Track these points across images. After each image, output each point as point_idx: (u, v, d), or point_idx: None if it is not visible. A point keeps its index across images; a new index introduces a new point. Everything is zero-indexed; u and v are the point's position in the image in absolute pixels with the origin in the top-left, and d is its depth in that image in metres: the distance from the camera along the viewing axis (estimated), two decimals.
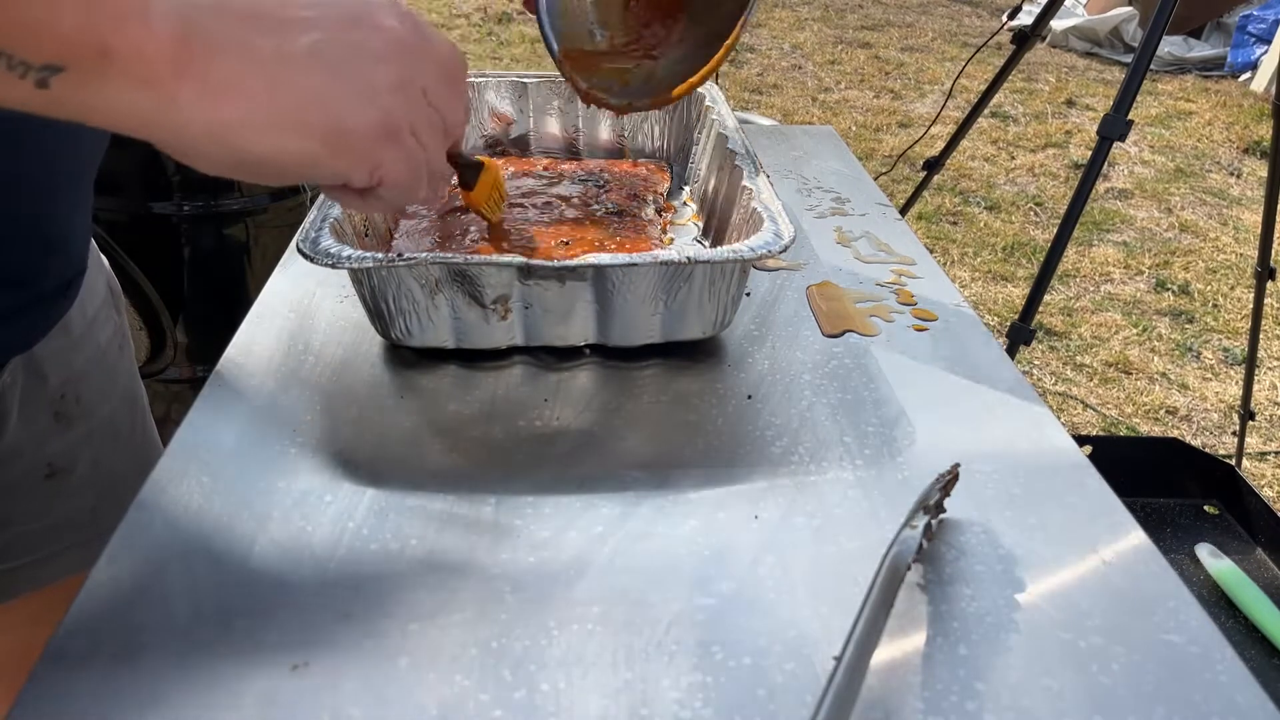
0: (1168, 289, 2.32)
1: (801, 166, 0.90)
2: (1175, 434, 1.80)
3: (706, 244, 0.69)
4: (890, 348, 0.61)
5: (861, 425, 0.53)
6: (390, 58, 0.38)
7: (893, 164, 2.39)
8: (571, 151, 0.84)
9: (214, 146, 0.34)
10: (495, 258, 0.52)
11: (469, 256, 0.52)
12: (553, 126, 0.84)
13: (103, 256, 0.66)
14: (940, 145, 1.64)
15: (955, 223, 2.60)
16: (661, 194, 0.75)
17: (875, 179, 0.88)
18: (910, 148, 2.11)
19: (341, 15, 0.37)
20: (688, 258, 0.53)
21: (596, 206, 0.69)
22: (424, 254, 0.52)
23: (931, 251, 0.83)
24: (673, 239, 0.70)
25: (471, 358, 0.57)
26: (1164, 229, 2.64)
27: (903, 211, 1.63)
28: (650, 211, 0.70)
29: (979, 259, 2.40)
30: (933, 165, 1.62)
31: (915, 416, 0.54)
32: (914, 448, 0.51)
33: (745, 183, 0.63)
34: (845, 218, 0.79)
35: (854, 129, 3.21)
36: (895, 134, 3.18)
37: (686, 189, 0.79)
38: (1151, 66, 1.28)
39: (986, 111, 2.06)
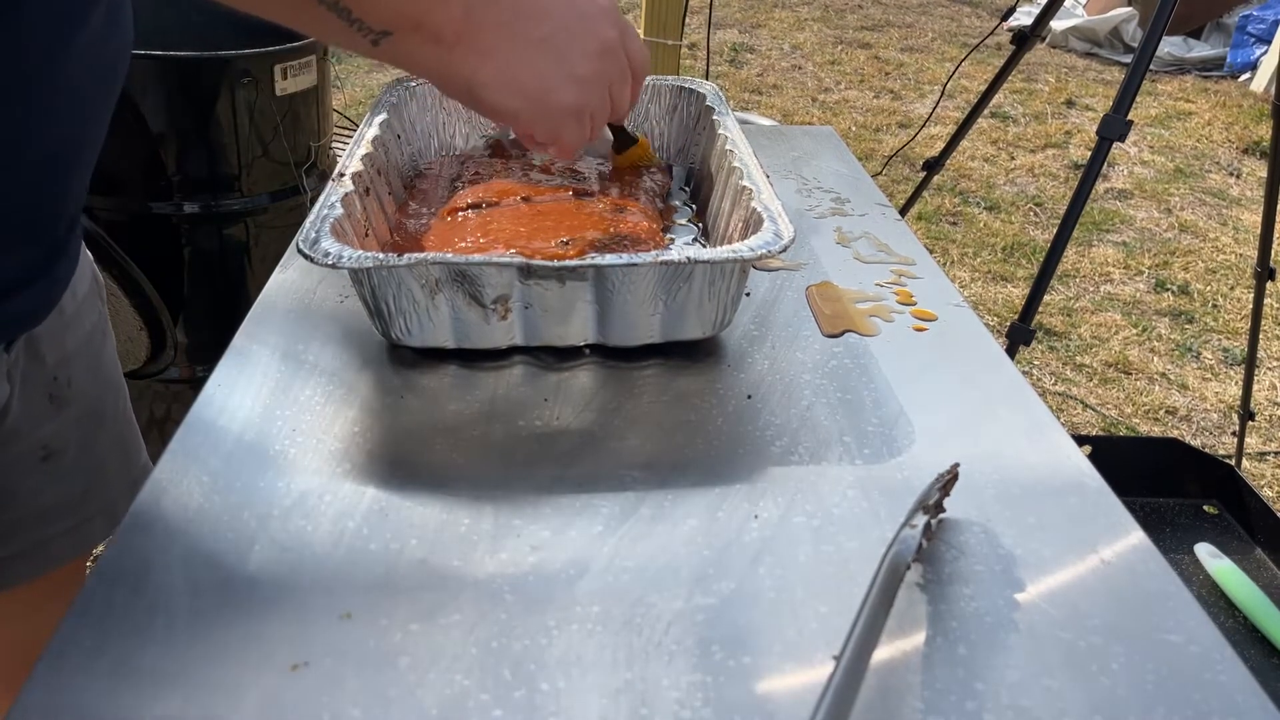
0: (1167, 289, 2.32)
1: (801, 167, 0.90)
2: (1175, 434, 1.80)
3: (706, 244, 0.69)
4: (890, 348, 0.61)
5: (861, 425, 0.53)
6: (597, 56, 0.51)
7: (885, 162, 2.39)
8: None
9: (467, 94, 0.49)
10: (495, 257, 0.52)
11: (469, 257, 0.52)
12: None
13: (85, 248, 0.67)
14: (940, 145, 1.64)
15: (955, 223, 2.60)
16: (662, 195, 0.75)
17: (875, 179, 0.88)
18: (904, 146, 2.11)
19: (574, 16, 0.50)
20: (688, 258, 0.53)
21: (597, 207, 0.69)
22: (424, 254, 0.52)
23: (931, 252, 0.84)
24: (673, 239, 0.70)
25: (471, 357, 0.57)
26: (1164, 229, 2.64)
27: (902, 212, 1.63)
28: (650, 212, 0.70)
29: (979, 259, 2.40)
30: (932, 165, 1.62)
31: (915, 416, 0.54)
32: (913, 448, 0.51)
33: (745, 183, 0.63)
34: (845, 218, 0.79)
35: (854, 129, 3.21)
36: (895, 134, 3.18)
37: (687, 189, 0.79)
38: (1151, 67, 1.28)
39: (986, 112, 2.06)
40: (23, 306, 0.53)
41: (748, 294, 0.66)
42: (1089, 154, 1.09)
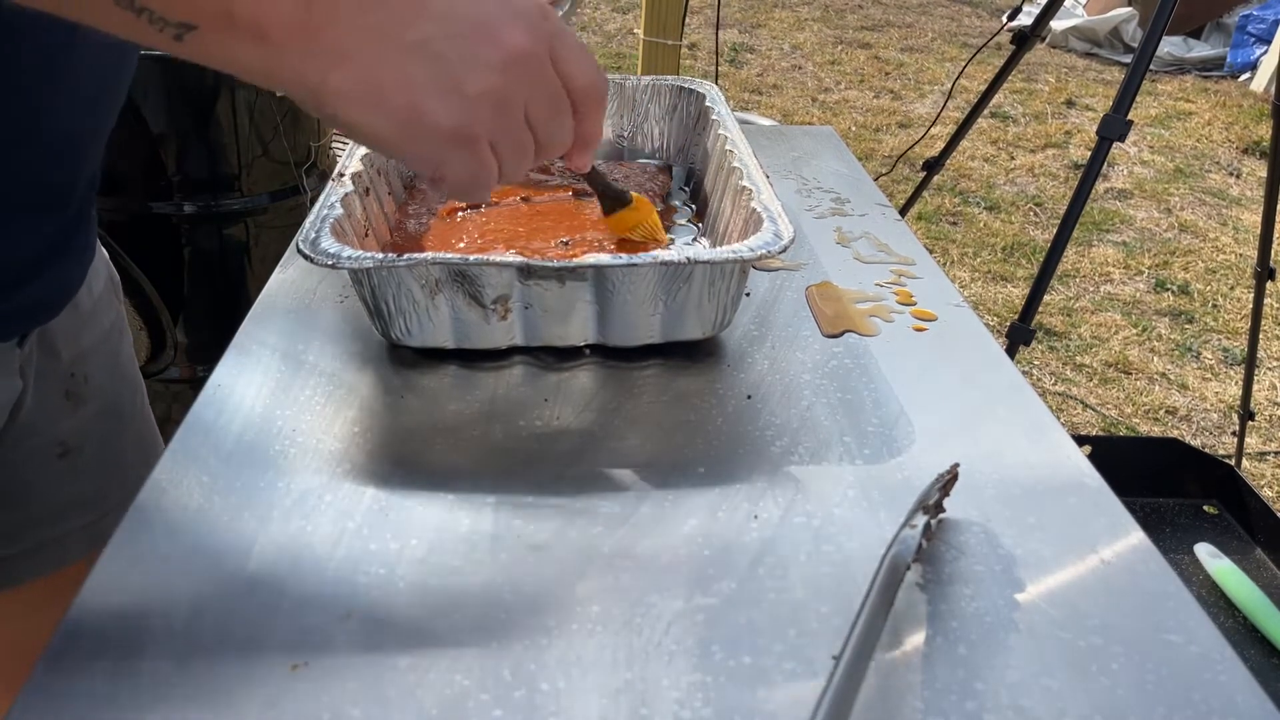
0: (1167, 289, 2.32)
1: (801, 167, 0.90)
2: (1175, 434, 1.80)
3: (706, 244, 0.69)
4: (890, 348, 0.61)
5: (861, 425, 0.53)
6: (498, 69, 0.39)
7: (893, 164, 2.39)
8: None
9: (316, 106, 0.38)
10: (495, 257, 0.52)
11: (468, 257, 0.52)
12: None
13: (103, 248, 0.67)
14: (940, 145, 1.64)
15: (955, 223, 2.60)
16: (662, 195, 0.75)
17: (875, 179, 0.88)
18: (910, 148, 2.11)
19: (468, 17, 0.38)
20: (687, 258, 0.53)
21: (597, 208, 0.69)
22: (424, 254, 0.52)
23: (931, 252, 0.84)
24: (673, 239, 0.70)
25: (471, 358, 0.57)
26: (1163, 229, 2.64)
27: (902, 212, 1.63)
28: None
29: (978, 259, 2.40)
30: (932, 166, 1.62)
31: (915, 416, 0.54)
32: (913, 448, 0.51)
33: (744, 183, 0.63)
34: (845, 218, 0.79)
35: (854, 129, 3.21)
36: (895, 134, 3.18)
37: (687, 189, 0.79)
38: (1151, 67, 1.28)
39: (986, 112, 2.07)
40: (34, 296, 0.53)
41: (748, 294, 0.66)
42: (1089, 154, 1.09)
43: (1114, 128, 1.06)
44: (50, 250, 0.53)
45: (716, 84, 0.86)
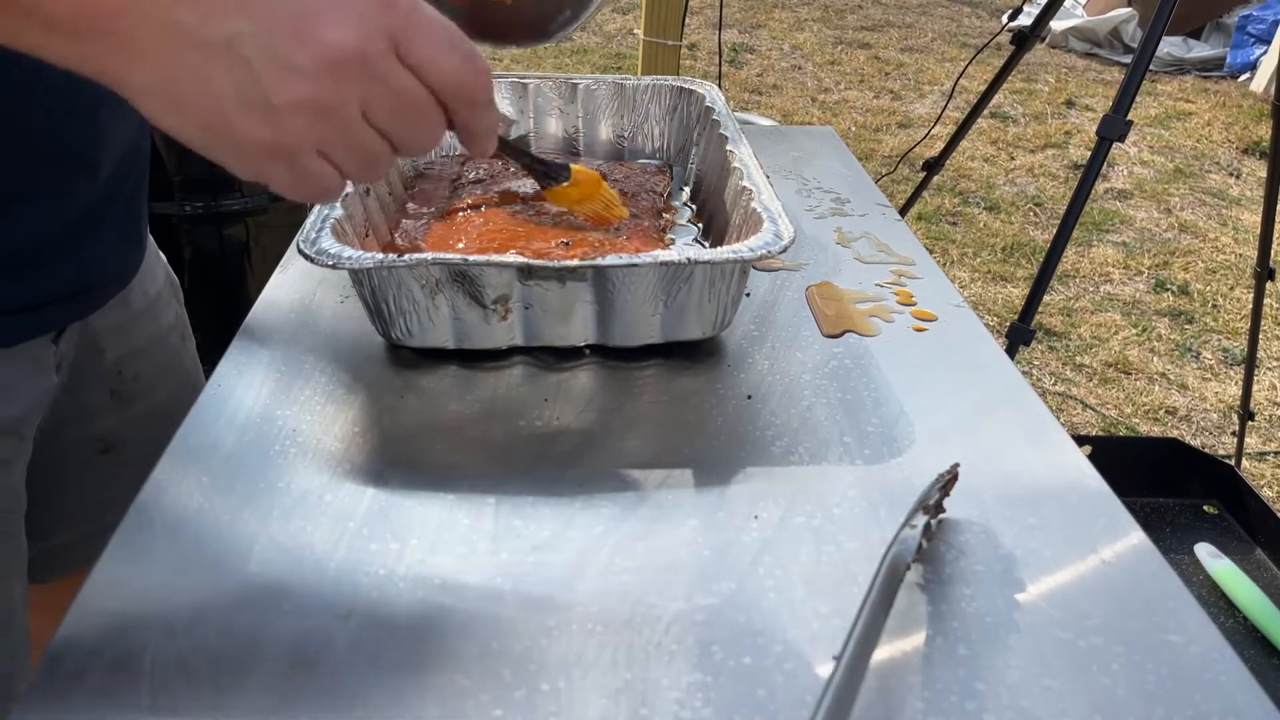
0: (1167, 289, 2.32)
1: (801, 167, 0.90)
2: (1175, 434, 1.79)
3: (707, 244, 0.69)
4: (890, 348, 0.60)
5: (861, 425, 0.53)
6: (309, 77, 0.33)
7: (895, 165, 2.39)
8: (571, 152, 0.84)
9: (130, 102, 0.34)
10: (495, 258, 0.52)
11: (469, 257, 0.52)
12: (553, 127, 0.84)
13: (159, 252, 0.68)
14: (940, 146, 1.64)
15: (955, 223, 2.60)
16: (662, 195, 0.75)
17: (875, 180, 0.88)
18: (912, 149, 2.11)
19: (284, 13, 0.33)
20: (688, 258, 0.53)
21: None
22: (424, 254, 0.52)
23: (931, 252, 0.84)
24: (673, 240, 0.70)
25: (472, 358, 0.57)
26: (1163, 229, 2.64)
27: (902, 212, 1.63)
28: (651, 212, 0.70)
29: (978, 259, 2.40)
30: (932, 166, 1.62)
31: (915, 417, 0.54)
32: (913, 448, 0.51)
33: (745, 183, 0.63)
34: (845, 218, 0.79)
35: (854, 129, 3.21)
36: (895, 134, 3.18)
37: (686, 189, 0.79)
38: (1151, 67, 1.28)
39: (986, 112, 2.06)
40: (63, 279, 0.50)
41: (748, 294, 0.66)
42: (1089, 154, 1.08)
43: (1114, 128, 1.06)
44: (73, 231, 0.50)
45: (719, 84, 0.86)
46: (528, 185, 0.72)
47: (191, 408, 0.62)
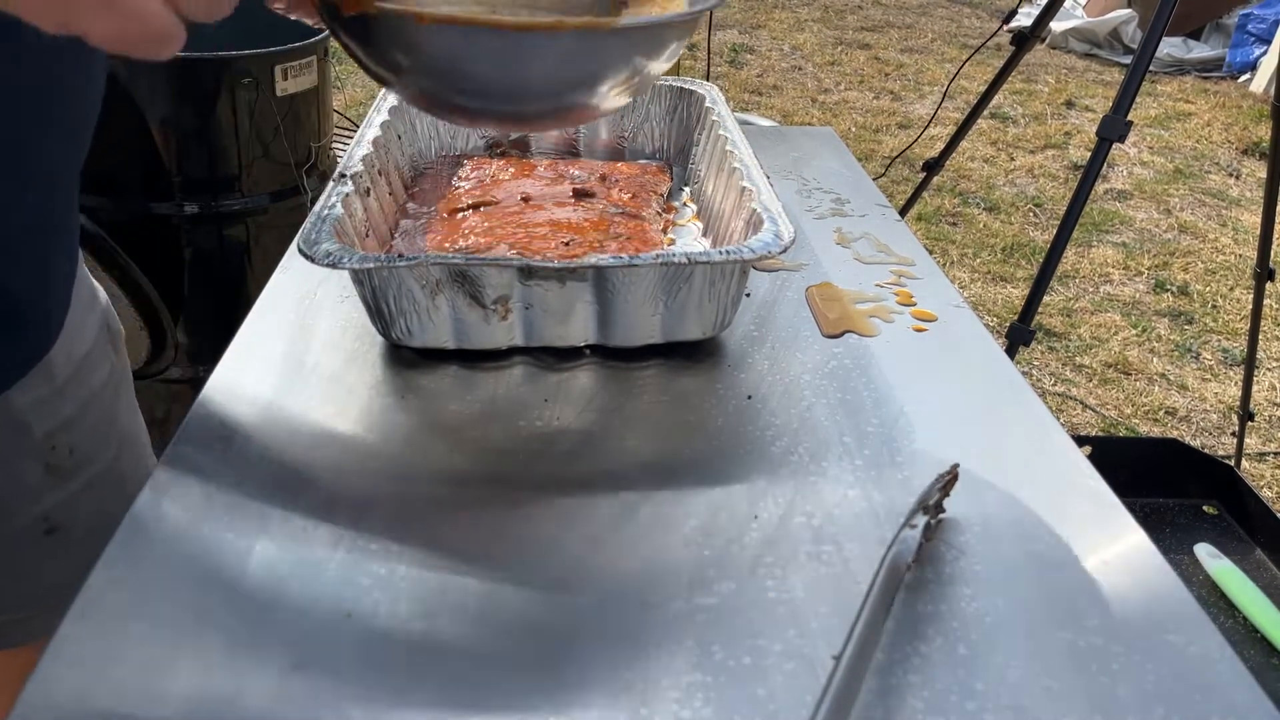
0: (1167, 290, 2.32)
1: (801, 168, 0.90)
2: (1174, 434, 1.79)
3: (707, 244, 0.69)
4: (890, 348, 0.60)
5: (861, 425, 0.53)
6: None
7: (888, 164, 2.39)
8: (571, 152, 0.84)
9: None
10: (496, 258, 0.52)
11: (469, 257, 0.52)
12: None
13: (99, 291, 0.61)
14: (940, 146, 1.64)
15: (955, 224, 2.60)
16: (662, 195, 0.75)
17: (875, 180, 0.88)
18: (907, 149, 2.11)
19: None
20: (688, 258, 0.53)
21: (598, 207, 0.69)
22: (424, 254, 0.52)
23: (931, 252, 0.84)
24: (674, 239, 0.70)
25: (472, 358, 0.57)
26: (1163, 230, 2.64)
27: (902, 212, 1.63)
28: (651, 212, 0.70)
29: (978, 260, 2.40)
30: (932, 166, 1.62)
31: (915, 417, 0.54)
32: (913, 448, 0.51)
33: (745, 184, 0.63)
34: (845, 219, 0.79)
35: (854, 130, 3.21)
36: (895, 135, 3.18)
37: (687, 190, 0.79)
38: (1150, 68, 1.28)
39: (986, 113, 2.07)
40: None
41: (748, 295, 0.66)
42: (1088, 155, 1.08)
43: (1113, 128, 1.06)
44: None
45: (708, 80, 0.86)
46: (528, 185, 0.72)
47: (140, 465, 0.61)
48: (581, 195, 0.71)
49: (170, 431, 0.49)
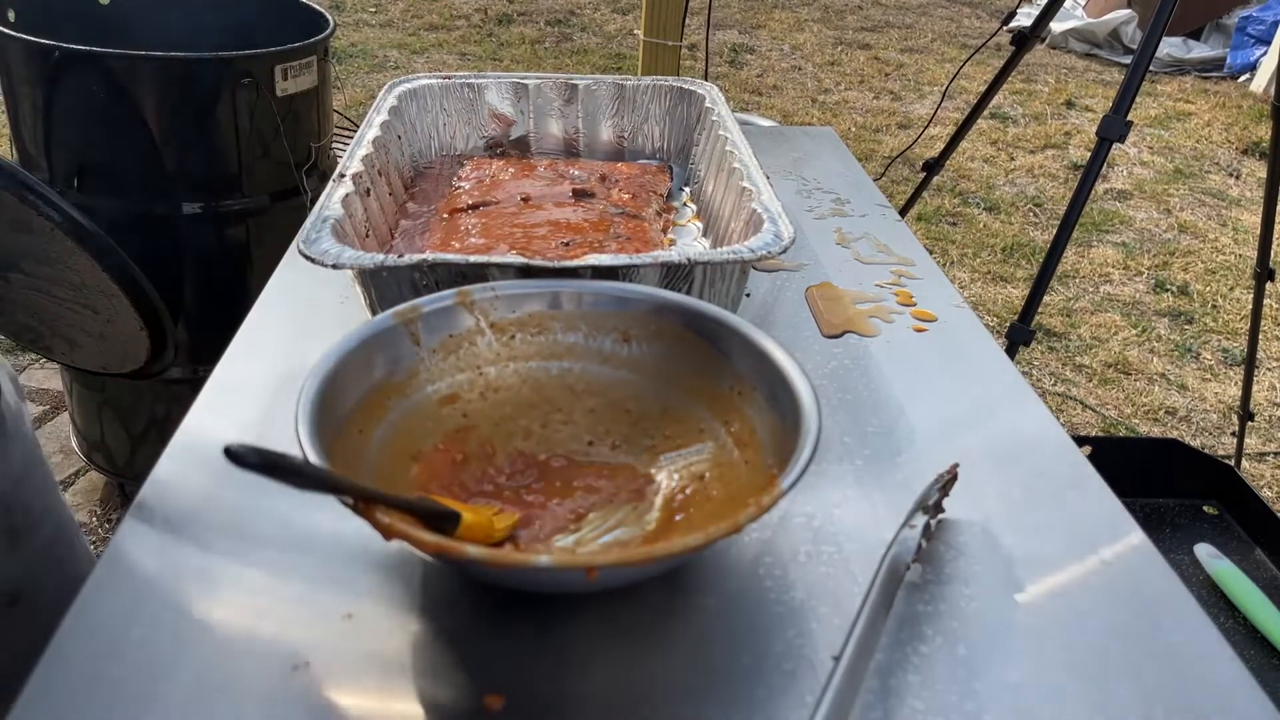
0: (1167, 290, 2.32)
1: (801, 168, 0.90)
2: (1175, 434, 1.79)
3: (707, 244, 0.69)
4: (890, 348, 0.61)
5: (861, 425, 0.53)
6: None
7: (887, 165, 2.39)
8: (571, 152, 0.84)
9: None
10: (497, 258, 0.52)
11: (469, 257, 0.52)
12: (553, 127, 0.84)
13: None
14: (940, 146, 1.64)
15: (955, 223, 2.60)
16: (662, 195, 0.75)
17: (875, 180, 0.88)
18: (907, 149, 2.10)
19: None
20: (688, 258, 0.53)
21: (597, 207, 0.69)
22: (425, 254, 0.52)
23: (931, 252, 0.84)
24: (674, 240, 0.70)
25: None
26: (1163, 230, 2.64)
27: (902, 212, 1.63)
28: (651, 212, 0.70)
29: (978, 260, 2.40)
30: (932, 166, 1.62)
31: (914, 417, 0.54)
32: (913, 448, 0.51)
33: (745, 184, 0.63)
34: (845, 219, 0.79)
35: (854, 130, 3.21)
36: (895, 135, 3.17)
37: (686, 190, 0.79)
38: (1150, 68, 1.28)
39: (986, 113, 2.07)
40: None
41: (748, 295, 0.66)
42: (1088, 155, 1.08)
43: (1113, 128, 1.06)
44: None
45: (707, 80, 0.86)
46: (527, 185, 0.72)
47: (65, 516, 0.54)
48: (581, 195, 0.71)
49: (170, 431, 0.50)
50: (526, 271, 0.52)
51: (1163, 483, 1.33)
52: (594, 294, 0.49)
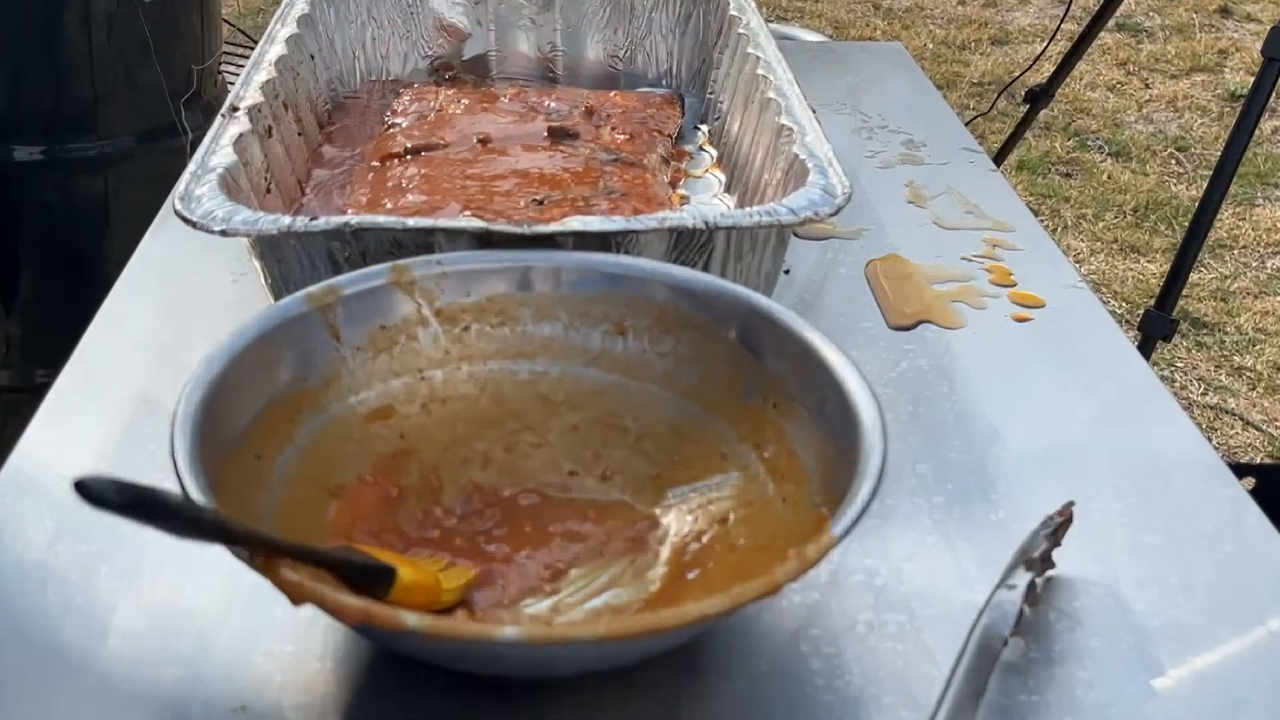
0: None
1: (859, 98, 0.90)
2: None
3: (732, 203, 0.69)
4: (981, 344, 0.61)
5: (942, 450, 0.53)
6: None
7: (995, 99, 2.39)
8: (548, 77, 0.85)
9: None
10: (445, 222, 0.52)
11: (407, 220, 0.52)
12: (522, 43, 0.84)
13: None
14: (1049, 70, 1.64)
15: (1069, 174, 2.60)
16: (670, 135, 0.75)
17: (960, 115, 0.89)
18: (1015, 79, 2.10)
19: None
20: (705, 221, 0.53)
21: (582, 152, 0.70)
22: (346, 217, 0.52)
23: (1037, 214, 0.84)
24: (686, 196, 0.70)
25: None
26: None
27: (997, 160, 1.63)
28: (655, 159, 0.70)
29: (1101, 224, 2.40)
30: (1038, 97, 1.62)
31: (1013, 438, 0.54)
32: (1012, 480, 0.51)
33: (784, 120, 0.63)
34: (919, 167, 0.79)
35: (931, 47, 3.21)
36: (988, 54, 3.18)
37: (704, 129, 0.79)
38: None
39: (1111, 24, 2.07)
40: None
41: (787, 271, 0.66)
42: (1251, 80, 1.09)
43: None
44: None
45: None
46: (486, 122, 0.73)
47: None
48: (560, 136, 0.71)
49: (1, 458, 0.50)
50: (485, 239, 0.52)
51: None
52: (577, 270, 0.49)
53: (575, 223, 0.52)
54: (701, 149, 0.77)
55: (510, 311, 0.49)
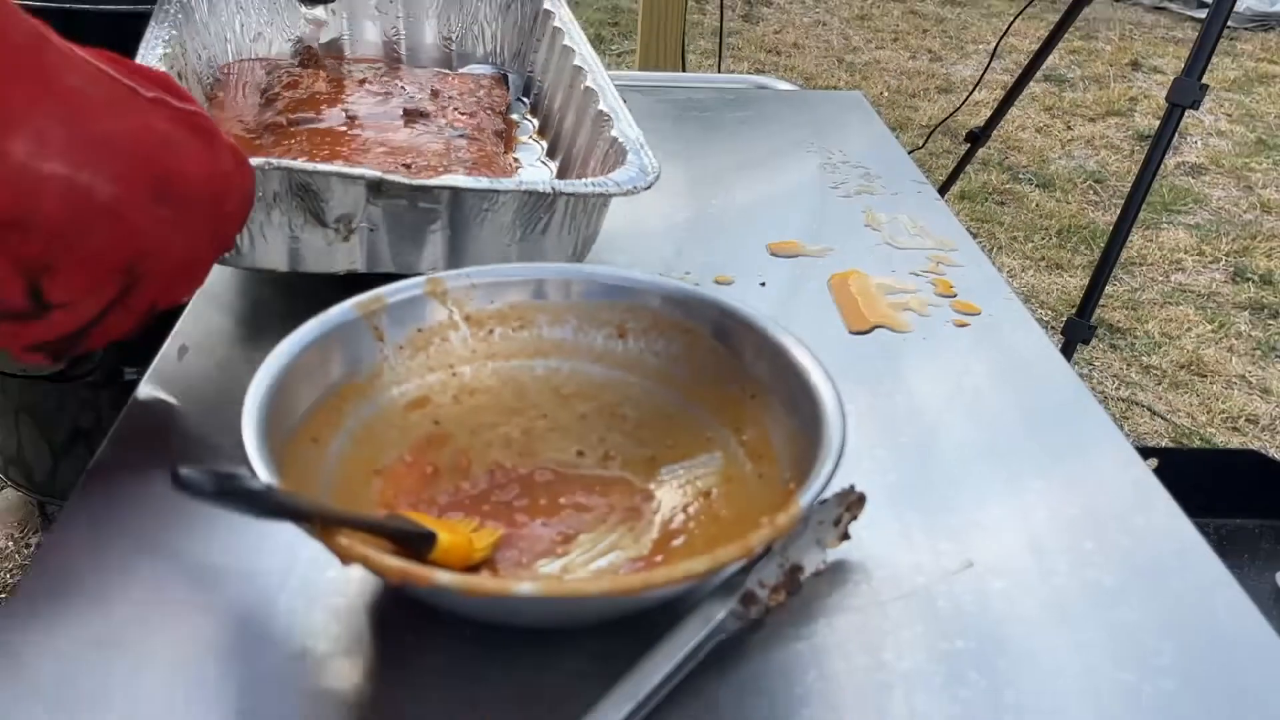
0: (1248, 279, 2.32)
1: (825, 138, 0.90)
2: (1256, 445, 1.79)
3: (554, 167, 0.72)
4: (927, 347, 0.61)
5: (894, 436, 0.53)
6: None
7: (927, 135, 2.39)
8: (392, 58, 0.85)
9: None
10: (344, 168, 0.53)
11: (314, 165, 0.53)
12: (370, 31, 0.85)
13: None
14: (986, 114, 1.64)
15: (1003, 202, 2.60)
16: (501, 112, 0.76)
17: (910, 153, 0.89)
18: (950, 116, 2.11)
19: None
20: (553, 188, 0.56)
21: (432, 128, 0.70)
22: (262, 159, 0.52)
23: (975, 235, 0.84)
24: (517, 160, 0.71)
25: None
26: (1243, 210, 2.64)
27: (942, 190, 1.63)
28: (491, 134, 0.72)
29: (1030, 244, 2.40)
30: (977, 137, 1.62)
31: (954, 425, 0.54)
32: (953, 463, 0.51)
33: (601, 107, 0.66)
34: (875, 196, 0.79)
35: (886, 95, 3.21)
36: (934, 101, 3.18)
37: (526, 100, 0.81)
38: (1229, 23, 1.28)
39: (1039, 75, 2.07)
40: None
41: (763, 284, 0.66)
42: (1157, 123, 1.09)
43: (1186, 93, 1.06)
44: None
45: (723, 43, 0.87)
46: (357, 101, 0.72)
47: None
48: (414, 116, 0.71)
49: (97, 443, 0.49)
50: (377, 188, 0.53)
51: (1242, 501, 1.33)
52: (585, 282, 0.49)
53: (449, 179, 0.55)
54: (525, 119, 0.79)
55: (528, 317, 0.49)
